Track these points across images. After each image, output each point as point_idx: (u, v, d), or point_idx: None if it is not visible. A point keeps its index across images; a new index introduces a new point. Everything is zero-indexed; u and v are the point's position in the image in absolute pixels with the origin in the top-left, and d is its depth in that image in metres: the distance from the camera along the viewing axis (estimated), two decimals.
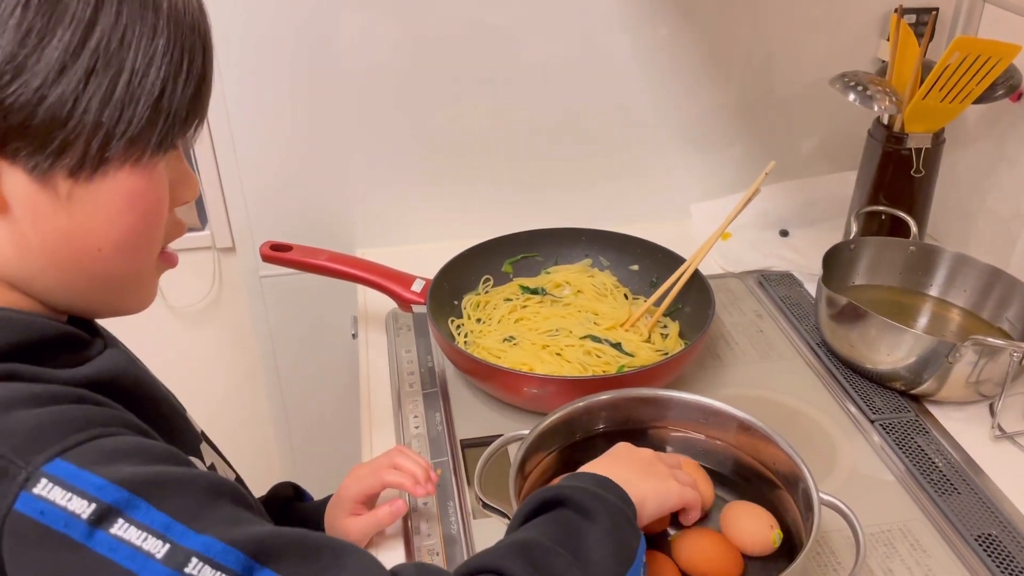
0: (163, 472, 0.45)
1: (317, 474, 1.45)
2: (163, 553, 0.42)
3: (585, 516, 0.56)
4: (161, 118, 0.49)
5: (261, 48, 1.11)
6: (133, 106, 0.47)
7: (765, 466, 0.77)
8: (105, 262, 0.51)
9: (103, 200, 0.49)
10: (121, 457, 0.44)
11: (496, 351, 0.99)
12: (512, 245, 1.14)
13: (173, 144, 0.51)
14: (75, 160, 0.47)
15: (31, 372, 0.47)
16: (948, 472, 0.86)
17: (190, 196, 0.56)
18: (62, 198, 0.48)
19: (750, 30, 1.23)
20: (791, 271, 1.21)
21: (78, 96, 0.46)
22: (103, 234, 0.50)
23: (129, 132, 0.48)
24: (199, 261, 1.33)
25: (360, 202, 1.25)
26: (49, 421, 0.44)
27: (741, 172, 1.31)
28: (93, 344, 0.54)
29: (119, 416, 0.48)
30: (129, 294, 0.55)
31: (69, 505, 0.41)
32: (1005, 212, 1.12)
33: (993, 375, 0.90)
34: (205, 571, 0.42)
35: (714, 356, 1.04)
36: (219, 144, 1.17)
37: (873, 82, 1.06)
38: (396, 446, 0.80)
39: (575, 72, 1.21)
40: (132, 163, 0.49)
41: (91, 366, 0.51)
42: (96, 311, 0.56)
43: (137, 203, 0.50)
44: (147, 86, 0.48)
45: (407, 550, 0.78)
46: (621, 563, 0.55)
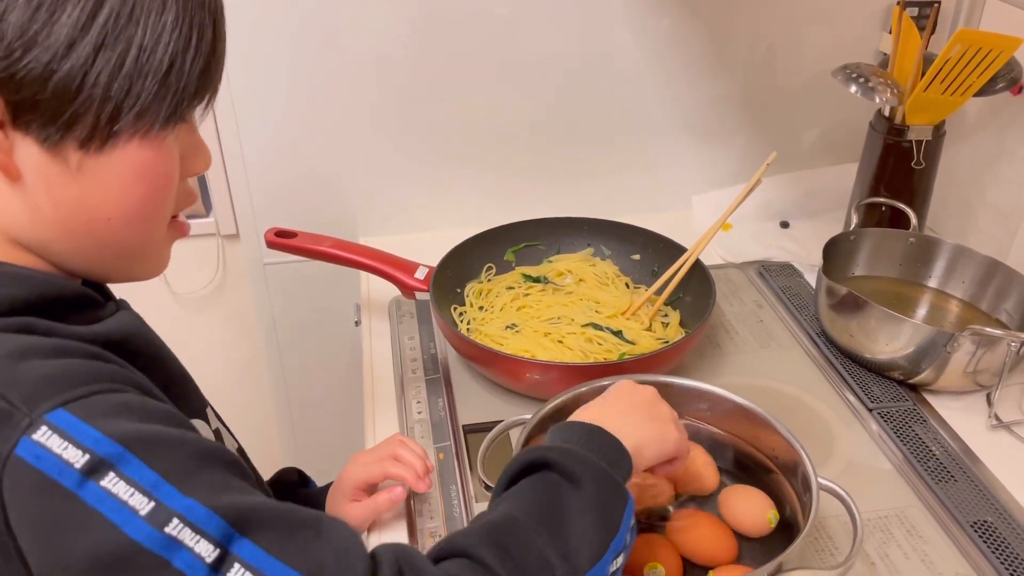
0: (159, 431, 0.46)
1: (319, 460, 1.46)
2: (147, 510, 0.42)
3: (570, 481, 0.55)
4: (170, 92, 0.50)
5: (267, 36, 1.12)
6: (142, 80, 0.48)
7: (764, 453, 0.77)
8: (115, 231, 0.52)
9: (113, 171, 0.50)
10: (122, 413, 0.45)
11: (498, 338, 1.00)
12: (515, 234, 1.14)
13: (183, 118, 0.52)
14: (85, 132, 0.48)
15: (46, 326, 0.48)
16: (945, 460, 0.87)
17: (202, 167, 0.57)
18: (72, 169, 0.49)
19: (752, 22, 1.23)
20: (791, 262, 1.22)
21: (87, 70, 0.47)
22: (113, 204, 0.51)
23: (138, 106, 0.49)
24: (203, 248, 1.34)
25: (364, 190, 1.26)
26: (58, 372, 0.45)
27: (742, 163, 1.32)
28: (106, 306, 0.56)
29: (127, 375, 0.49)
30: (140, 261, 0.57)
31: (64, 454, 0.42)
32: (1004, 205, 1.13)
33: (991, 365, 0.91)
34: (185, 533, 0.42)
35: (714, 345, 1.05)
36: (224, 132, 1.18)
37: (875, 74, 1.07)
38: (396, 434, 0.81)
39: (578, 62, 1.21)
40: (141, 136, 0.50)
41: (104, 325, 0.53)
42: (109, 277, 0.58)
43: (146, 175, 0.51)
44: (155, 61, 0.48)
45: (410, 532, 0.79)
46: (605, 534, 0.53)
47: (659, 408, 0.67)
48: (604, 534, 0.53)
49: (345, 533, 0.47)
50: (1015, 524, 0.79)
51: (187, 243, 1.34)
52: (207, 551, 0.42)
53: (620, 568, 0.55)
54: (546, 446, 0.58)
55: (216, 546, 0.43)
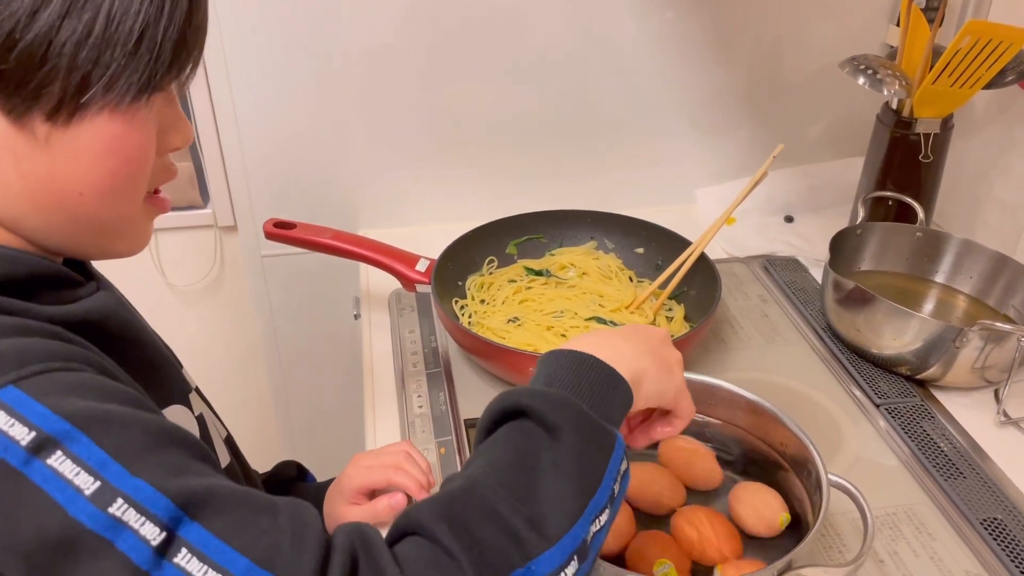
0: (113, 410, 0.44)
1: (318, 454, 1.44)
2: (92, 490, 0.41)
3: (546, 430, 0.50)
4: (142, 63, 0.48)
5: (266, 26, 1.10)
6: (111, 50, 0.46)
7: (772, 448, 0.76)
8: (87, 206, 0.50)
9: (82, 145, 0.48)
10: (75, 391, 0.44)
11: (500, 331, 0.98)
12: (517, 227, 1.13)
13: (158, 89, 0.50)
14: (52, 104, 0.46)
15: (10, 305, 0.47)
16: (953, 457, 0.86)
17: (181, 142, 0.55)
18: (40, 141, 0.48)
19: (758, 14, 1.22)
20: (796, 256, 1.20)
21: (52, 39, 0.45)
22: (83, 178, 0.49)
23: (107, 77, 0.47)
24: (200, 239, 1.32)
25: (364, 183, 1.24)
26: (11, 350, 0.44)
27: (747, 157, 1.31)
28: (86, 285, 0.54)
29: (86, 355, 0.48)
30: (118, 237, 0.55)
31: (11, 431, 0.41)
32: (1013, 199, 1.12)
33: (999, 361, 0.90)
34: (129, 514, 0.41)
35: (719, 340, 1.04)
36: (222, 122, 1.16)
37: (883, 66, 1.06)
38: (405, 442, 0.79)
39: (582, 55, 1.20)
40: (112, 108, 0.48)
41: (80, 305, 0.51)
42: (87, 253, 0.56)
43: (118, 149, 0.49)
44: (125, 30, 0.46)
45: None
46: (583, 492, 0.49)
47: (667, 348, 0.63)
48: (582, 492, 0.49)
49: (303, 518, 0.45)
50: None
51: (184, 235, 1.34)
52: (152, 534, 0.41)
53: (607, 524, 0.51)
54: (526, 390, 0.53)
55: (163, 529, 0.41)
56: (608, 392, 0.55)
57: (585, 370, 0.55)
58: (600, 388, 0.55)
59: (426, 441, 0.88)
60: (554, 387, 0.54)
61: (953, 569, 0.74)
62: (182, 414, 0.59)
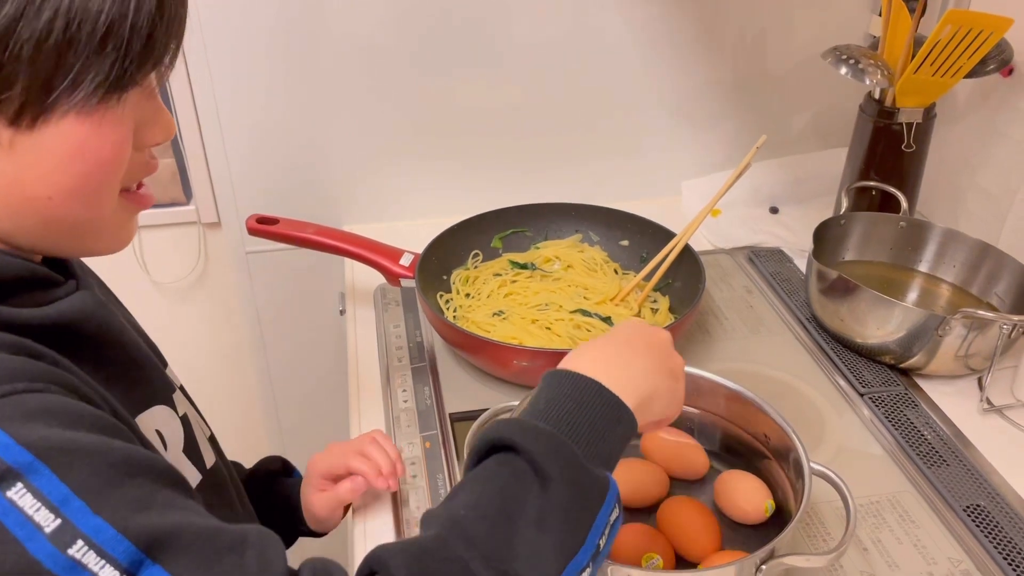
0: (78, 440, 0.42)
1: (305, 450, 1.44)
2: (52, 528, 0.39)
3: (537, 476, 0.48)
4: (107, 63, 0.45)
5: (248, 21, 1.09)
6: (73, 51, 0.44)
7: (755, 437, 0.76)
8: (58, 209, 0.49)
9: (48, 149, 0.46)
10: (40, 416, 0.42)
11: (485, 325, 0.98)
12: (502, 220, 1.13)
13: (129, 88, 0.47)
14: (13, 109, 0.45)
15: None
16: (937, 445, 0.86)
17: (161, 136, 0.53)
18: (4, 146, 0.46)
19: (743, 6, 1.22)
20: (781, 247, 1.21)
21: (8, 42, 0.43)
22: (52, 182, 0.47)
23: (70, 79, 0.45)
24: (184, 237, 1.32)
25: (348, 178, 1.24)
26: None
27: (732, 149, 1.31)
28: (63, 285, 0.52)
29: (52, 373, 0.46)
30: (95, 237, 0.53)
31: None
32: (995, 188, 1.12)
33: (982, 349, 0.90)
34: (89, 557, 0.39)
35: (704, 331, 1.04)
36: (204, 118, 1.15)
37: (865, 56, 1.06)
38: (375, 430, 0.79)
39: (566, 49, 1.19)
40: (79, 110, 0.46)
41: (54, 307, 0.50)
42: (65, 253, 0.54)
43: (86, 152, 0.47)
44: (87, 29, 0.44)
45: (395, 521, 0.78)
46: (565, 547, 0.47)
47: (674, 359, 0.61)
48: (564, 550, 0.47)
49: (268, 555, 0.44)
50: (1008, 508, 0.78)
51: (168, 232, 1.33)
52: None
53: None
54: (520, 426, 0.50)
55: (123, 573, 0.40)
56: (609, 426, 0.53)
57: (588, 399, 0.53)
58: (600, 424, 0.52)
59: (411, 435, 0.88)
60: (551, 418, 0.52)
61: (936, 556, 0.74)
62: (165, 415, 0.59)
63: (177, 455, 0.59)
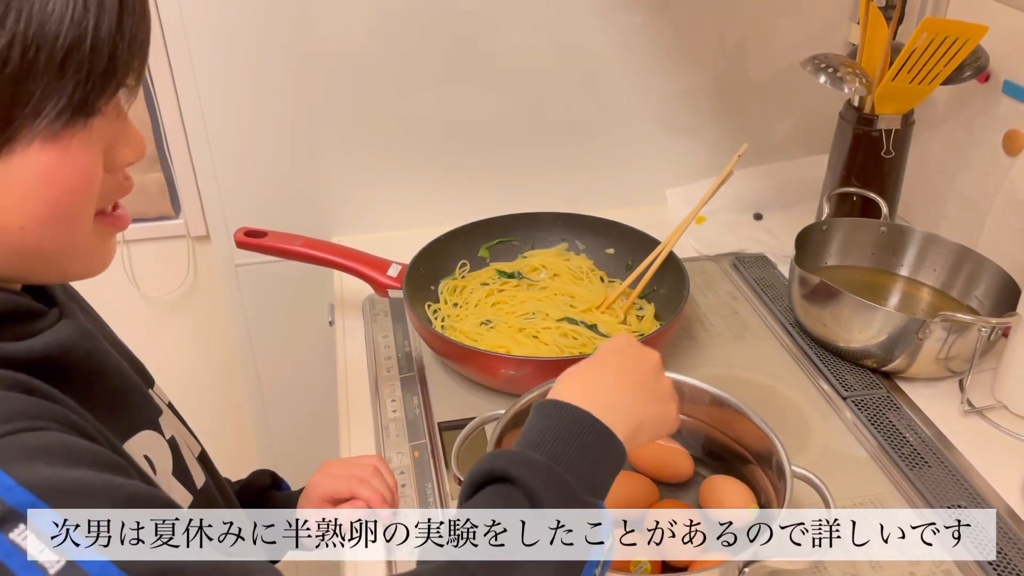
0: (79, 478, 0.42)
1: (295, 462, 1.45)
2: (56, 570, 0.39)
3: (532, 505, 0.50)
4: (68, 89, 0.44)
5: (234, 33, 1.10)
6: (31, 79, 0.43)
7: (738, 442, 0.77)
8: (30, 238, 0.48)
9: (16, 178, 0.45)
10: (41, 456, 0.42)
11: (473, 334, 0.99)
12: (489, 230, 1.14)
13: (93, 112, 0.46)
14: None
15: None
16: (919, 447, 0.87)
17: (132, 157, 0.51)
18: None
19: (722, 14, 1.23)
20: (765, 253, 1.22)
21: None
22: (22, 212, 0.46)
23: (30, 108, 0.44)
24: (173, 250, 1.32)
25: (335, 189, 1.24)
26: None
27: (715, 156, 1.32)
28: (46, 315, 0.51)
29: (51, 409, 0.46)
30: (71, 263, 0.52)
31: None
32: (973, 192, 1.14)
33: (962, 351, 0.92)
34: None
35: (690, 337, 1.05)
36: (191, 131, 1.16)
37: (843, 64, 1.07)
38: (376, 456, 0.79)
39: (550, 58, 1.21)
40: (43, 139, 0.45)
41: (41, 339, 0.49)
42: (43, 280, 0.53)
43: (54, 180, 0.46)
44: (44, 55, 0.43)
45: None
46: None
47: (662, 382, 0.62)
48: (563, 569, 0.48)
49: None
50: (988, 508, 0.80)
51: (157, 245, 1.33)
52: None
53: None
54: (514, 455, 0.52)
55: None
56: (601, 457, 0.54)
57: (581, 430, 0.54)
58: (592, 455, 0.53)
59: (400, 445, 0.88)
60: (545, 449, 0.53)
61: (918, 557, 0.75)
62: (152, 439, 0.58)
63: (167, 479, 0.59)
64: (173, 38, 1.10)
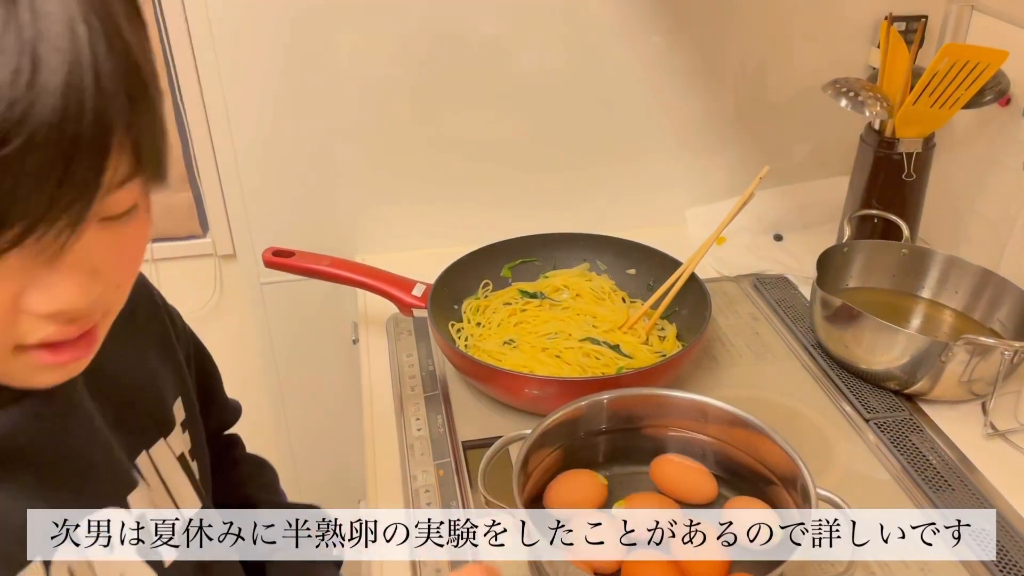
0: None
1: (318, 480, 1.46)
2: None
3: None
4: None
5: (263, 56, 1.13)
6: None
7: (762, 463, 0.78)
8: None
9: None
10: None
11: (496, 354, 1.00)
12: (511, 250, 1.15)
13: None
14: None
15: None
16: (942, 470, 0.87)
17: (43, 307, 0.41)
18: None
19: (743, 38, 1.25)
20: (786, 274, 1.23)
21: None
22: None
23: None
24: (200, 268, 1.34)
25: (361, 209, 1.26)
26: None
27: (735, 178, 1.33)
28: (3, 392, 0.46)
29: None
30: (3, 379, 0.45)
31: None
32: (994, 215, 1.14)
33: (985, 374, 0.92)
34: None
35: (711, 358, 1.06)
36: (220, 151, 1.18)
37: (864, 88, 1.08)
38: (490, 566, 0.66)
39: (570, 80, 1.22)
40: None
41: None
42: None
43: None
44: None
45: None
46: None
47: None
48: None
49: None
50: (1013, 532, 0.80)
51: (183, 264, 1.36)
52: None
53: None
54: None
55: None
56: None
57: None
58: None
59: (425, 463, 0.89)
60: None
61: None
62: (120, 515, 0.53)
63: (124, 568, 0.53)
64: (204, 60, 1.12)
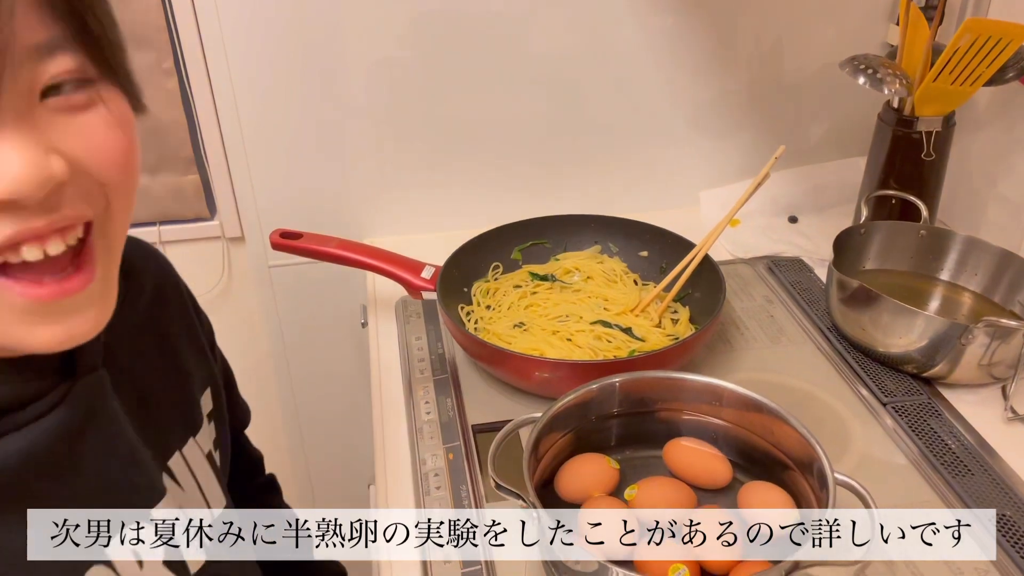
0: None
1: (327, 463, 1.45)
2: None
3: None
4: None
5: (270, 37, 1.11)
6: None
7: (778, 447, 0.76)
8: None
9: None
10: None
11: (506, 337, 0.99)
12: (521, 232, 1.14)
13: None
14: None
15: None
16: (961, 454, 0.86)
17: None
18: None
19: (758, 16, 1.22)
20: (801, 256, 1.21)
21: None
22: None
23: None
24: (208, 251, 1.33)
25: (369, 191, 1.25)
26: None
27: (750, 159, 1.31)
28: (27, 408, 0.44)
29: None
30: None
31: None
32: (1016, 196, 1.12)
33: (1005, 357, 0.90)
34: None
35: (724, 341, 1.04)
36: (227, 134, 1.17)
37: (883, 65, 1.06)
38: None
39: (583, 61, 1.20)
40: None
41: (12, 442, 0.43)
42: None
43: None
44: None
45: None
46: None
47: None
48: None
49: None
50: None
51: (191, 247, 1.35)
52: None
53: None
54: None
55: None
56: None
57: None
58: None
59: (434, 447, 0.88)
60: None
61: (962, 566, 0.74)
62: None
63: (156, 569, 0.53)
64: (210, 42, 1.11)
